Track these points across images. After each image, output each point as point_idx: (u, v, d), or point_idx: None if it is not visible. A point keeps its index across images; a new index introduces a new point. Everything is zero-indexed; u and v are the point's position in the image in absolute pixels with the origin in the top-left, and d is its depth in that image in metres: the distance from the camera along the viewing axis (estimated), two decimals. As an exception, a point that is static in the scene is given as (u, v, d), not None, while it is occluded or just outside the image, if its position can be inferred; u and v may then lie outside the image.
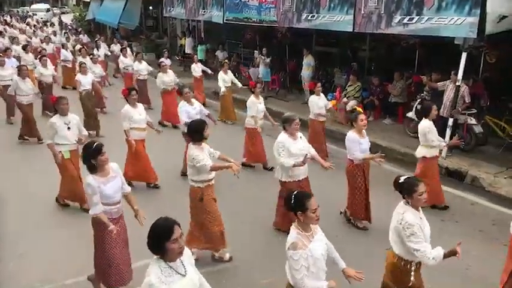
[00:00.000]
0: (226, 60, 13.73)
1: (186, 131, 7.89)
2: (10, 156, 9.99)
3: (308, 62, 13.78)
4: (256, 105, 8.80)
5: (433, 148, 6.96)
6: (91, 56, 14.52)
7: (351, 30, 10.30)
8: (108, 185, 4.72)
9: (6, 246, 6.35)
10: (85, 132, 7.34)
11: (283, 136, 6.06)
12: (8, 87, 11.16)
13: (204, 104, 13.84)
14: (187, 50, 20.27)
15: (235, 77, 12.84)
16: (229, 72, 12.70)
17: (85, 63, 12.18)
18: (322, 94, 9.42)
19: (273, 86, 15.65)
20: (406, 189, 4.01)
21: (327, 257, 3.73)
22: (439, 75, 10.19)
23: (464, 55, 8.43)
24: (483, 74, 10.63)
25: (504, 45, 9.85)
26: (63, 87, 16.18)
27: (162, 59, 14.57)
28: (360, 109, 6.58)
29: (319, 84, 9.41)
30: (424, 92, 10.46)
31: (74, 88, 15.21)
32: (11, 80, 11.44)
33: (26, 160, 9.77)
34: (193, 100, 8.46)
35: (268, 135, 9.24)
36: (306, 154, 5.96)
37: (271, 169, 8.60)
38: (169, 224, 3.02)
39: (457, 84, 8.79)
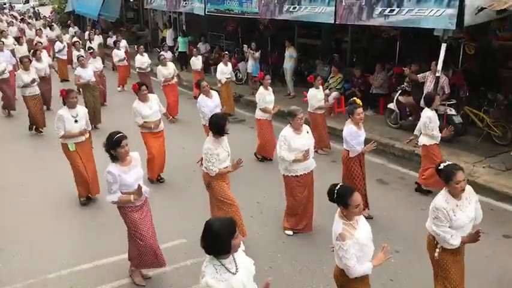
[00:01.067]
0: (226, 52, 13.55)
1: (207, 124, 7.99)
2: (15, 148, 10.05)
3: (290, 54, 13.79)
4: (265, 96, 8.82)
5: (433, 137, 7.16)
6: (90, 51, 14.28)
7: (333, 22, 10.32)
8: (130, 173, 4.80)
9: (12, 236, 6.36)
10: (89, 127, 7.32)
11: (287, 130, 5.99)
12: (5, 80, 11.50)
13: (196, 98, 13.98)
14: (168, 42, 20.08)
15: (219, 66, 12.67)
16: (229, 64, 12.66)
17: (83, 56, 12.00)
18: (321, 87, 9.43)
19: (255, 78, 15.61)
20: (444, 177, 4.08)
21: None
22: (418, 66, 10.31)
23: (443, 46, 8.53)
24: (462, 65, 10.77)
25: (482, 36, 9.99)
26: (64, 80, 16.18)
27: (162, 52, 14.37)
28: (359, 101, 6.48)
29: (319, 77, 9.38)
30: (405, 83, 10.56)
31: (65, 80, 15.13)
32: (4, 72, 11.75)
33: (33, 151, 9.83)
34: (212, 92, 8.43)
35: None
36: (307, 149, 5.92)
37: (270, 159, 8.95)
38: (231, 221, 3.10)
39: (436, 75, 8.90)
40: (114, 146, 4.71)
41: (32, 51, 13.61)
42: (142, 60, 14.04)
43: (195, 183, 7.59)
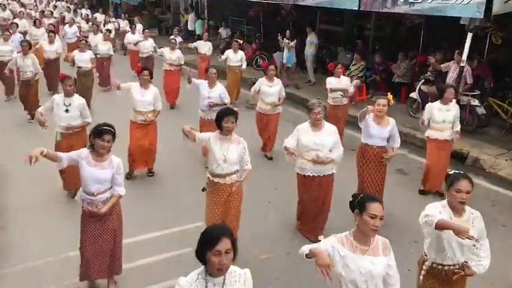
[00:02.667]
0: (239, 40, 13.06)
1: (202, 116, 7.85)
2: (14, 134, 10.00)
3: (311, 40, 13.66)
4: (260, 84, 8.37)
5: (437, 131, 6.91)
6: (104, 33, 13.99)
7: (357, 8, 10.17)
8: (92, 169, 4.40)
9: (11, 216, 6.45)
10: (88, 119, 6.75)
11: (304, 124, 5.56)
12: (5, 63, 10.93)
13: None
14: (190, 27, 20.06)
15: (228, 53, 12.37)
16: (240, 52, 12.19)
17: (84, 40, 11.75)
18: (343, 76, 8.90)
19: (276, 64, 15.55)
20: (447, 182, 3.66)
21: None
22: (443, 55, 10.13)
23: (469, 36, 8.34)
24: (488, 55, 10.55)
25: (511, 26, 9.75)
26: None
27: (172, 36, 14.29)
28: (390, 96, 6.03)
29: (339, 66, 8.83)
30: (428, 73, 10.40)
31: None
32: (11, 56, 11.37)
33: (31, 137, 9.81)
34: (217, 84, 7.92)
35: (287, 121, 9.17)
36: (320, 154, 5.41)
37: (270, 158, 8.55)
38: (218, 232, 2.67)
39: (461, 65, 8.72)
40: (95, 135, 4.37)
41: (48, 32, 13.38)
42: (147, 44, 13.84)
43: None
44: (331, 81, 8.73)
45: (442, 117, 6.81)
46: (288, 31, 13.62)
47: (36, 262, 5.40)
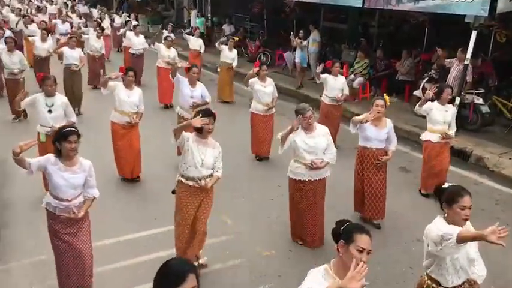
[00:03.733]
0: (235, 37, 12.95)
1: (179, 113, 7.69)
2: (14, 130, 10.02)
3: (314, 38, 13.60)
4: (257, 85, 8.07)
5: (437, 133, 6.73)
6: (97, 29, 13.51)
7: (361, 5, 10.15)
8: (63, 174, 4.23)
9: (16, 212, 6.48)
10: (73, 118, 6.53)
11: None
12: None
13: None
14: (193, 23, 20.05)
15: (242, 52, 12.36)
16: (235, 50, 12.05)
17: (75, 38, 11.09)
18: (340, 75, 8.66)
19: (280, 61, 15.54)
20: (446, 198, 3.40)
21: None
22: (447, 53, 10.11)
23: (474, 34, 8.32)
24: (492, 54, 10.52)
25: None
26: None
27: (166, 33, 14.07)
28: (387, 97, 5.93)
29: (337, 64, 8.60)
30: (432, 71, 10.38)
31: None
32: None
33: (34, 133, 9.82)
34: (198, 83, 7.76)
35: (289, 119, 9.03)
36: (316, 159, 5.28)
37: (260, 159, 8.28)
38: (184, 269, 2.41)
39: (465, 63, 8.70)
40: (60, 138, 4.17)
41: (41, 29, 12.89)
42: (139, 41, 13.34)
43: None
44: (328, 80, 8.48)
45: (442, 118, 6.67)
46: (301, 30, 13.29)
47: (41, 257, 5.41)
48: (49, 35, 12.33)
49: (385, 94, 6.02)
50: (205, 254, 5.45)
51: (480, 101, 9.15)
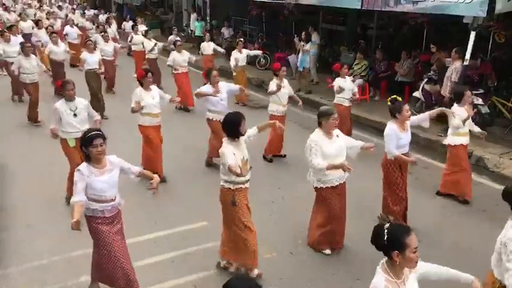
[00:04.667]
0: (241, 39, 13.06)
1: (209, 117, 7.75)
2: (18, 135, 10.03)
3: (313, 40, 13.60)
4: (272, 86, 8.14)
5: (459, 135, 6.63)
6: (102, 34, 13.74)
7: (359, 7, 10.16)
8: (101, 177, 4.30)
9: (16, 217, 6.47)
10: (96, 116, 6.81)
11: (317, 134, 5.20)
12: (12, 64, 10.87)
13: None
14: (192, 27, 20.08)
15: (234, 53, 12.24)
16: (244, 50, 12.20)
17: (91, 41, 11.49)
18: (347, 77, 8.89)
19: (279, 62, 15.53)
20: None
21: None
22: (442, 52, 10.14)
23: (473, 34, 8.33)
24: (491, 54, 10.52)
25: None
26: (72, 65, 15.13)
27: (174, 38, 14.17)
28: (399, 98, 5.85)
29: (345, 66, 8.84)
30: (432, 72, 10.38)
31: (76, 66, 14.38)
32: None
33: (35, 138, 9.85)
34: (221, 84, 7.76)
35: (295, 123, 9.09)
36: (344, 161, 5.16)
37: (270, 160, 8.39)
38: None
39: (464, 63, 8.70)
40: (86, 144, 4.23)
41: (49, 34, 13.35)
42: (150, 44, 13.65)
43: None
44: (339, 82, 8.68)
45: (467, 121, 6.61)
46: (303, 33, 13.18)
47: (40, 261, 5.42)
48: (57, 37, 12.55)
49: (395, 96, 5.92)
50: (207, 257, 5.45)
51: (480, 101, 9.14)
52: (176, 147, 8.67)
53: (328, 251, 5.55)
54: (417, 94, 10.42)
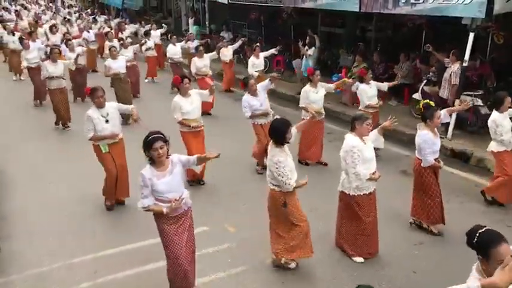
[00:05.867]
0: (257, 44, 12.80)
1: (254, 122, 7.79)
2: (16, 142, 10.05)
3: (317, 45, 13.61)
4: (309, 94, 7.98)
5: (503, 143, 6.44)
6: (121, 42, 13.57)
7: (357, 10, 10.18)
8: (163, 179, 4.34)
9: (16, 224, 6.46)
10: (131, 108, 6.80)
11: (353, 139, 5.11)
12: (35, 69, 11.38)
13: (229, 90, 13.70)
14: (190, 31, 20.09)
15: (240, 58, 12.29)
16: (261, 55, 12.07)
17: (115, 47, 11.33)
18: (372, 82, 8.55)
19: (278, 67, 15.56)
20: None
21: None
22: (445, 54, 10.12)
23: (471, 35, 8.34)
24: (490, 55, 10.52)
25: (512, 25, 9.73)
26: (93, 71, 15.52)
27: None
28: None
29: (370, 71, 8.63)
30: (431, 74, 10.38)
31: (94, 71, 14.82)
32: (37, 62, 11.61)
33: (37, 144, 9.86)
34: (258, 88, 7.72)
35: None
36: (375, 172, 5.18)
37: (307, 164, 8.31)
38: None
39: (464, 64, 8.70)
40: (147, 148, 4.28)
41: (64, 40, 13.52)
42: (175, 50, 13.72)
43: (221, 172, 7.66)
44: (366, 90, 8.41)
45: (510, 125, 6.45)
46: (307, 37, 13.04)
47: (42, 268, 5.42)
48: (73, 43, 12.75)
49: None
50: (208, 262, 5.44)
51: (479, 102, 9.14)
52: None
53: (359, 259, 5.42)
54: (416, 96, 10.42)
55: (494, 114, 6.43)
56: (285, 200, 4.95)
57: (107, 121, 6.39)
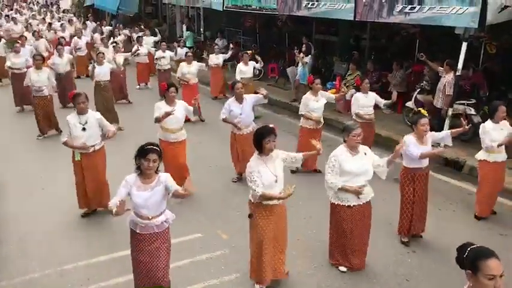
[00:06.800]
0: (248, 51, 12.73)
1: (232, 130, 7.60)
2: (14, 145, 9.98)
3: (313, 52, 13.69)
4: (309, 101, 7.94)
5: (495, 153, 6.37)
6: (113, 45, 13.41)
7: (352, 18, 10.25)
8: (142, 193, 4.25)
9: (7, 230, 6.40)
10: (111, 128, 6.52)
11: (339, 149, 5.06)
12: (19, 75, 11.24)
13: (219, 97, 13.52)
14: (185, 37, 20.09)
15: (234, 65, 12.15)
16: (251, 62, 11.93)
17: (103, 53, 11.19)
18: (370, 92, 8.39)
19: (272, 74, 15.61)
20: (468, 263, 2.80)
21: None
22: (439, 63, 10.21)
23: (464, 45, 8.42)
24: (483, 64, 10.62)
25: (505, 35, 9.83)
26: (77, 77, 15.23)
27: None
28: (424, 111, 5.72)
29: (366, 81, 8.45)
30: (424, 82, 10.45)
31: (87, 76, 14.27)
32: (24, 68, 11.49)
33: (27, 150, 9.80)
34: (246, 97, 7.52)
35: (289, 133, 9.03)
36: (363, 185, 5.00)
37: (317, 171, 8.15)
38: None
39: (457, 74, 8.77)
40: (140, 155, 4.22)
41: (55, 45, 13.39)
42: (162, 56, 13.55)
43: (213, 179, 7.65)
44: (358, 98, 8.31)
45: (500, 136, 6.28)
46: (303, 45, 13.03)
47: (33, 275, 5.37)
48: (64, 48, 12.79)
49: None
50: (201, 269, 5.42)
51: (472, 111, 9.21)
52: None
53: (342, 268, 5.35)
54: (410, 104, 10.48)
55: (487, 122, 6.41)
56: (252, 211, 4.79)
57: (83, 129, 6.23)
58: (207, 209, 6.97)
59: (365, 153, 5.08)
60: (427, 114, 5.71)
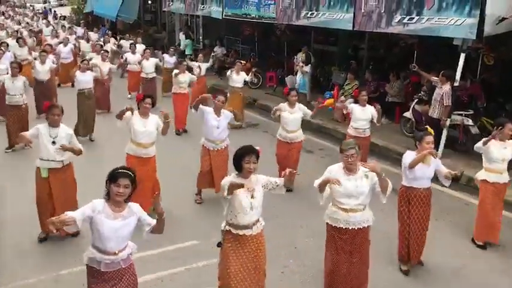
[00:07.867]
0: (242, 61, 12.65)
1: (203, 143, 7.22)
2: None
3: (312, 61, 13.75)
4: (281, 111, 7.75)
5: (495, 173, 6.07)
6: (101, 52, 12.99)
7: (351, 28, 10.29)
8: (111, 222, 3.76)
9: (2, 235, 6.36)
10: (78, 147, 6.03)
11: (337, 166, 4.68)
12: None
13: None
14: (182, 47, 20.12)
15: (231, 74, 11.95)
16: (242, 73, 11.71)
17: (86, 60, 10.97)
18: (368, 105, 8.07)
19: (271, 83, 15.64)
20: None
21: None
22: (435, 74, 10.26)
23: (462, 56, 8.46)
24: (481, 76, 10.67)
25: (502, 47, 9.89)
26: (59, 85, 14.62)
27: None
28: (431, 130, 5.45)
29: (364, 93, 8.15)
30: (422, 92, 10.49)
31: (73, 86, 14.47)
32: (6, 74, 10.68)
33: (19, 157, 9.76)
34: (224, 112, 7.18)
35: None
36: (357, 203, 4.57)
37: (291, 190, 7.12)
38: None
39: (455, 84, 8.80)
40: (110, 179, 3.77)
41: (39, 51, 12.70)
42: (149, 64, 13.24)
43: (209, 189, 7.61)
44: (354, 110, 8.08)
45: (501, 156, 5.97)
46: (303, 53, 12.86)
47: (28, 280, 5.32)
48: (48, 55, 12.28)
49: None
50: (198, 277, 5.39)
51: (469, 122, 9.24)
52: (170, 169, 8.44)
53: None
54: (408, 114, 10.51)
55: (492, 140, 6.03)
56: (222, 239, 4.43)
57: (53, 142, 5.82)
58: (203, 216, 6.94)
59: (365, 176, 4.59)
60: (433, 132, 5.45)
